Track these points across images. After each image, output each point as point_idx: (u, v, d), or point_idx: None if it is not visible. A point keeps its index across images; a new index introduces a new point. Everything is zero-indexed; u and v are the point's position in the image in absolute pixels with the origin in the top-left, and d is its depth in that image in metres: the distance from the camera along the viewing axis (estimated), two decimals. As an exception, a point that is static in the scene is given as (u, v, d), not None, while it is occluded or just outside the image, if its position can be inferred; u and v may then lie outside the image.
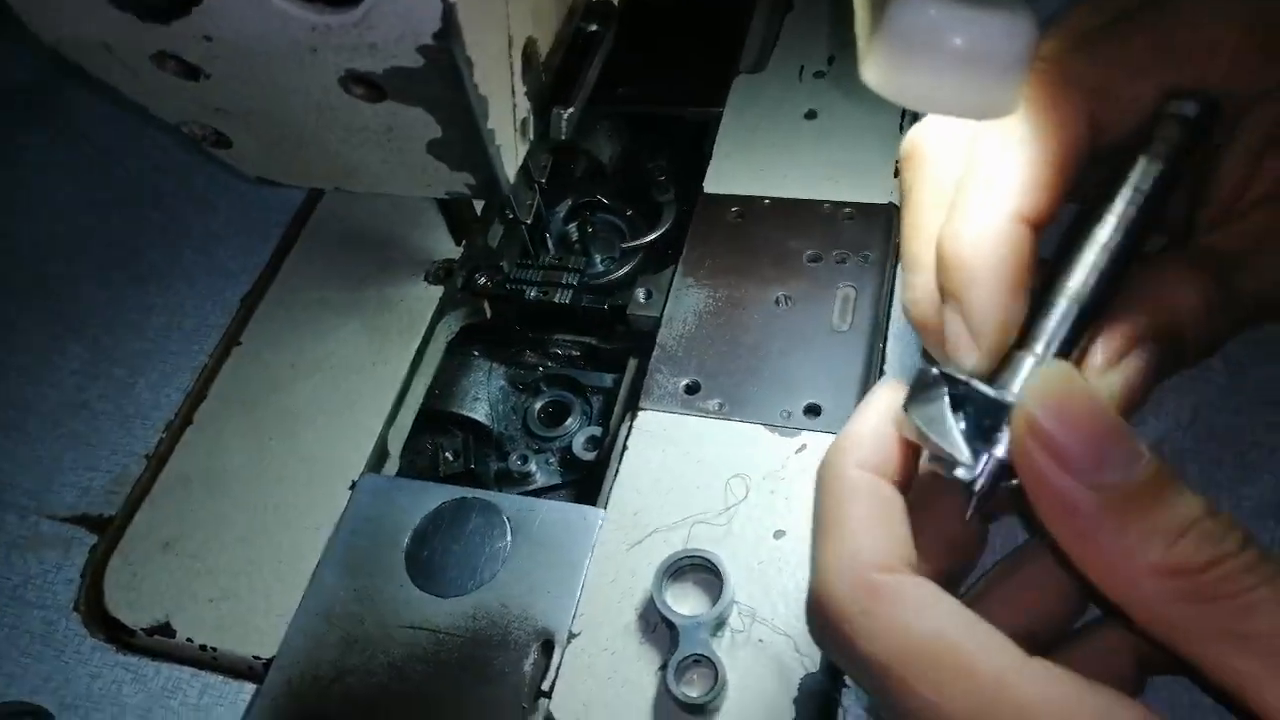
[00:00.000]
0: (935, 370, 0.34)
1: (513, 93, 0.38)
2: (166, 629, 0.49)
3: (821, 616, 0.32)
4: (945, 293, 0.37)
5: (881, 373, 0.53)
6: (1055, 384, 0.29)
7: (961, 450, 0.32)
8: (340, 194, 0.67)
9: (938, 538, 0.36)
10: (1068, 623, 0.37)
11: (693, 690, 0.42)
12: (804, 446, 0.50)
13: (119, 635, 0.50)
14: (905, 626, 0.30)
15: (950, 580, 0.37)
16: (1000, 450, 0.31)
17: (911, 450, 0.35)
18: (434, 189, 0.41)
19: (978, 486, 0.32)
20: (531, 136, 0.42)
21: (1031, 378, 0.33)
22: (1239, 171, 0.38)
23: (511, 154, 0.40)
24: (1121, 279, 0.35)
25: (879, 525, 0.33)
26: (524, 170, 0.47)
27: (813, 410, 0.52)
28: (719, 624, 0.44)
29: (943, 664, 0.29)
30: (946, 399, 0.33)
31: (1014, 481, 0.31)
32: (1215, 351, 0.39)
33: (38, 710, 0.48)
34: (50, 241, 0.68)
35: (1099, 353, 0.35)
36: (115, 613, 0.50)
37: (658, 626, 0.45)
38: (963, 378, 0.33)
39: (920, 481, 0.37)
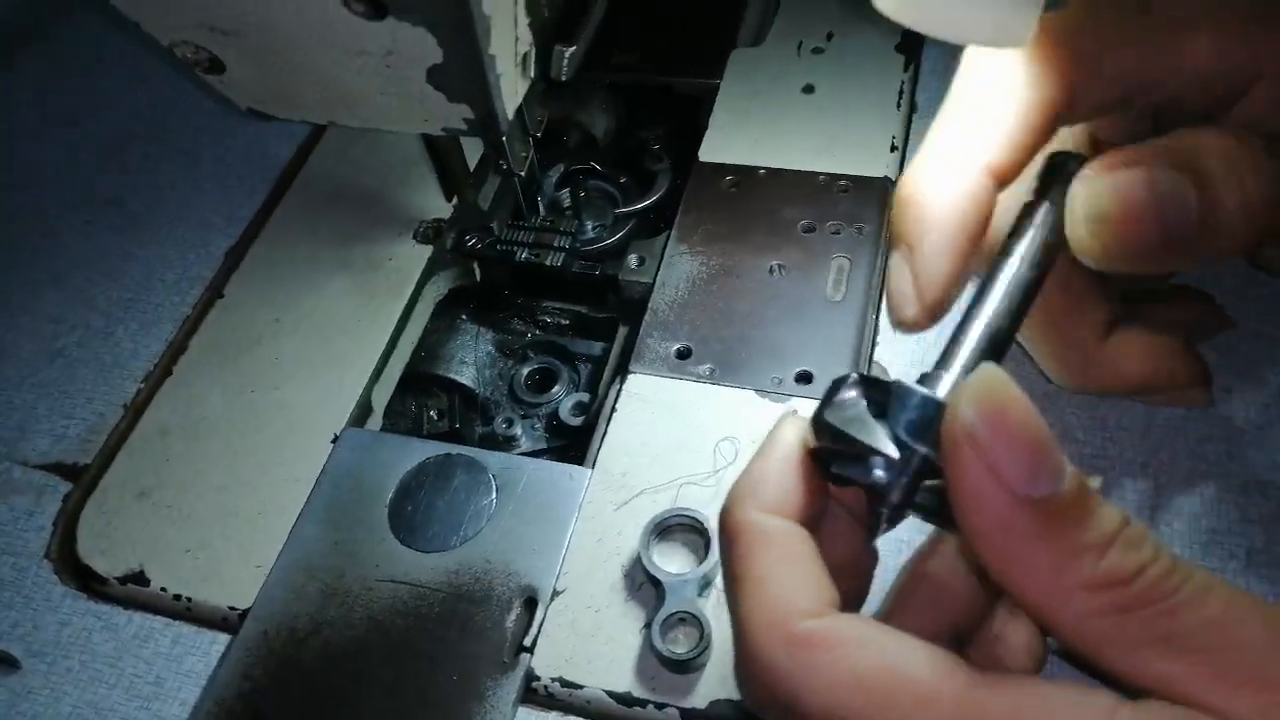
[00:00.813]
0: (854, 374, 0.32)
1: (515, 23, 0.37)
2: (140, 578, 0.48)
3: (755, 681, 0.29)
4: (896, 238, 0.35)
5: (875, 345, 0.53)
6: (990, 385, 0.27)
7: (886, 444, 0.30)
8: (329, 151, 0.66)
9: (836, 566, 0.33)
10: (985, 609, 0.35)
11: (678, 647, 0.42)
12: (794, 412, 0.49)
13: (91, 584, 0.49)
14: (851, 670, 0.27)
15: (850, 607, 0.35)
16: (925, 447, 0.29)
17: (817, 485, 0.33)
18: (431, 124, 0.40)
19: (899, 489, 0.30)
20: (532, 74, 0.41)
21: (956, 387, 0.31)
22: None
23: (511, 89, 0.39)
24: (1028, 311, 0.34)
25: (796, 570, 0.30)
26: (520, 121, 0.46)
27: (804, 378, 0.51)
28: (705, 583, 0.44)
29: (900, 701, 0.26)
30: (864, 400, 0.31)
31: (937, 482, 0.29)
32: (1265, 236, 0.34)
33: (3, 655, 0.46)
34: (25, 187, 0.67)
35: (1089, 167, 0.33)
36: (88, 560, 0.49)
37: (643, 585, 0.45)
38: (887, 379, 0.31)
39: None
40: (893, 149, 0.61)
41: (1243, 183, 0.32)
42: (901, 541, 0.42)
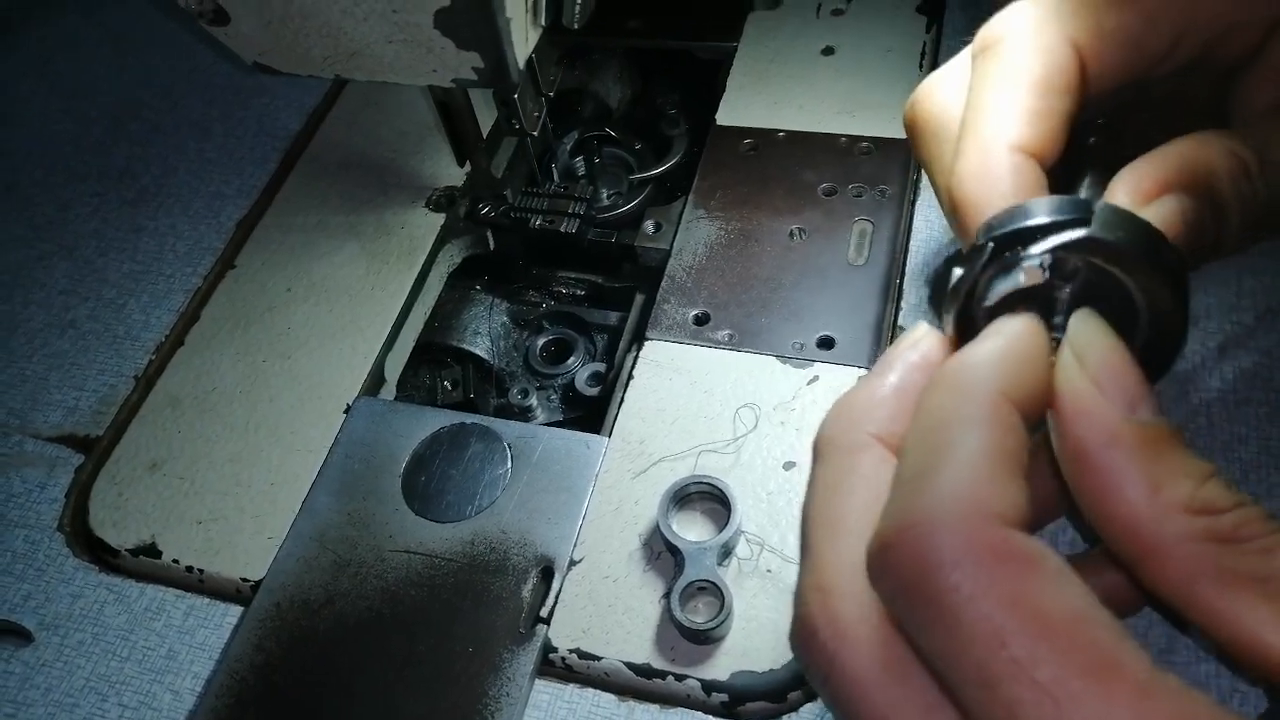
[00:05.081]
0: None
1: (525, -35, 0.35)
2: (152, 550, 0.48)
3: (909, 564, 0.25)
4: (962, 236, 0.35)
5: (898, 309, 0.51)
6: (1093, 326, 0.29)
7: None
8: (340, 119, 0.65)
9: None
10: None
11: (698, 617, 0.41)
12: (816, 378, 0.48)
13: (103, 556, 0.49)
14: (1036, 601, 0.24)
15: None
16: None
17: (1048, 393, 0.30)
18: (440, 75, 0.39)
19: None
20: (543, 21, 0.40)
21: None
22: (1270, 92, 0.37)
23: (522, 36, 0.38)
24: None
25: (1008, 471, 0.27)
26: (532, 75, 0.45)
27: (826, 343, 0.50)
28: (726, 552, 0.43)
29: (1075, 655, 0.23)
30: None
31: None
32: (1261, 238, 0.36)
33: (16, 628, 0.46)
34: (37, 162, 0.66)
35: (1119, 193, 0.33)
36: (100, 533, 0.49)
37: (662, 554, 0.44)
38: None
39: None
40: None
41: (1244, 200, 0.34)
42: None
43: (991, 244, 0.30)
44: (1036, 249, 0.29)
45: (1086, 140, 0.39)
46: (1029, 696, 0.23)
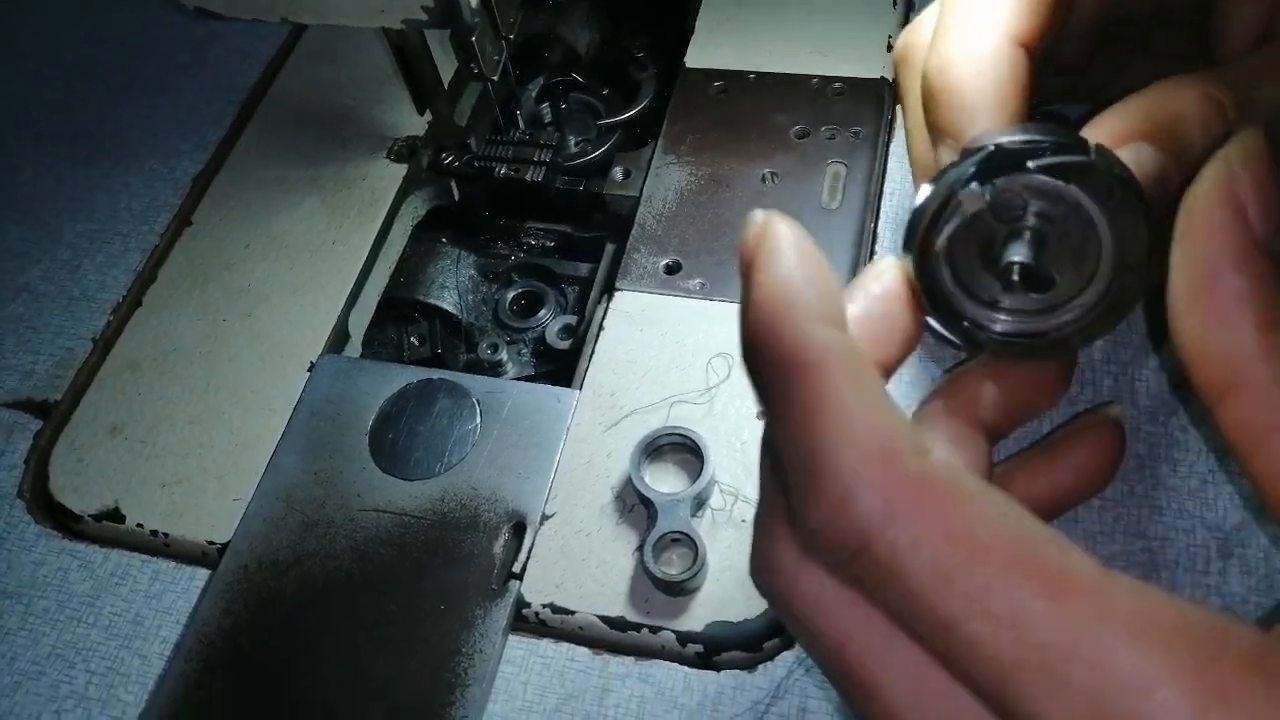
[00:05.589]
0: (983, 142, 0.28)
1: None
2: (115, 514, 0.47)
3: (838, 528, 0.24)
4: (936, 131, 0.33)
5: (873, 253, 0.50)
6: (1259, 148, 0.26)
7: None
8: (297, 69, 0.63)
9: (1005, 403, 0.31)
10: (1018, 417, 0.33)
11: (671, 569, 0.40)
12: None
13: (65, 522, 0.48)
14: (969, 528, 0.23)
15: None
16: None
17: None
18: (389, 15, 0.37)
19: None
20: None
21: None
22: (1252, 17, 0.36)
23: (475, -24, 0.36)
24: None
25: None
26: (490, 16, 0.43)
27: (799, 289, 0.49)
28: (699, 503, 0.42)
29: (1024, 576, 0.22)
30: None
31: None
32: None
33: (-22, 597, 0.45)
34: (-13, 120, 0.64)
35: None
36: (61, 498, 0.48)
37: (635, 507, 0.43)
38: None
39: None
40: (889, 49, 0.57)
41: (1218, 147, 0.32)
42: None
43: (994, 147, 0.28)
44: (1035, 163, 0.27)
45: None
46: (986, 629, 0.22)
